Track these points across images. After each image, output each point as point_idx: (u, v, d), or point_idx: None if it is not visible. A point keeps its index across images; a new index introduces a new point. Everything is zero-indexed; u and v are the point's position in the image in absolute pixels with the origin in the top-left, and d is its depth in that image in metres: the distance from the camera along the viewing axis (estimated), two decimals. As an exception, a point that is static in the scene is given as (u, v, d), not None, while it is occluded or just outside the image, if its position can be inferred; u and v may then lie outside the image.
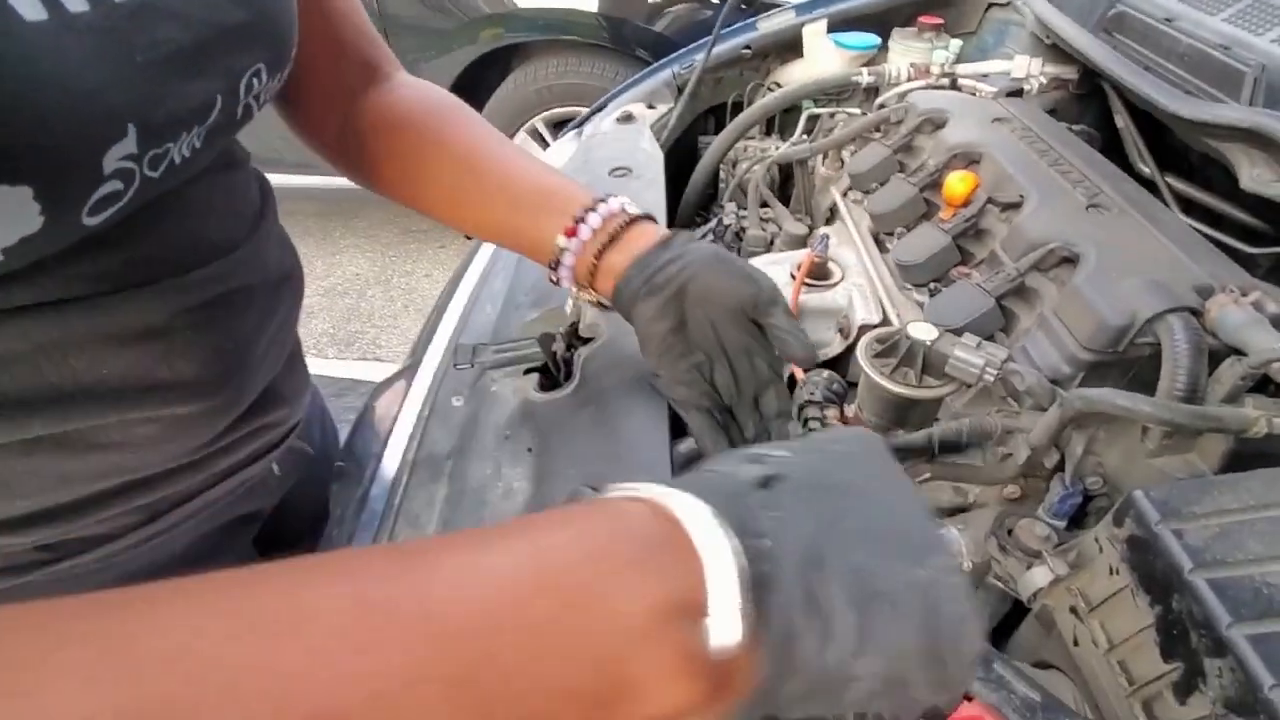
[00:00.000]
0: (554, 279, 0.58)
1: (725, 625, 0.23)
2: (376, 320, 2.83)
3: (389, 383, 0.83)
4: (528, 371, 0.72)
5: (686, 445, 0.65)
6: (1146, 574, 0.44)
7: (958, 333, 0.61)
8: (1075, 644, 0.50)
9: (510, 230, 0.59)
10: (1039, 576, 0.52)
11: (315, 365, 0.78)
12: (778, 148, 1.20)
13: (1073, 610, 0.50)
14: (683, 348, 0.55)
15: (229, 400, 0.53)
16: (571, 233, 0.55)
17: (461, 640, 0.21)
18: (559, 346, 0.72)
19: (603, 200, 0.56)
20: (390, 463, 0.71)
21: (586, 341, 0.71)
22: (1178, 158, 1.04)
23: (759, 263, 0.91)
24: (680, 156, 1.34)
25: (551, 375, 0.71)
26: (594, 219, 0.55)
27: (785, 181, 1.26)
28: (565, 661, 0.22)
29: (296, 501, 0.74)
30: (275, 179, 0.62)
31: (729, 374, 0.55)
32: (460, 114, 0.62)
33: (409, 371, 0.83)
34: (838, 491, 0.28)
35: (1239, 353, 0.55)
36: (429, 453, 0.70)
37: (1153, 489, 0.46)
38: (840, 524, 0.26)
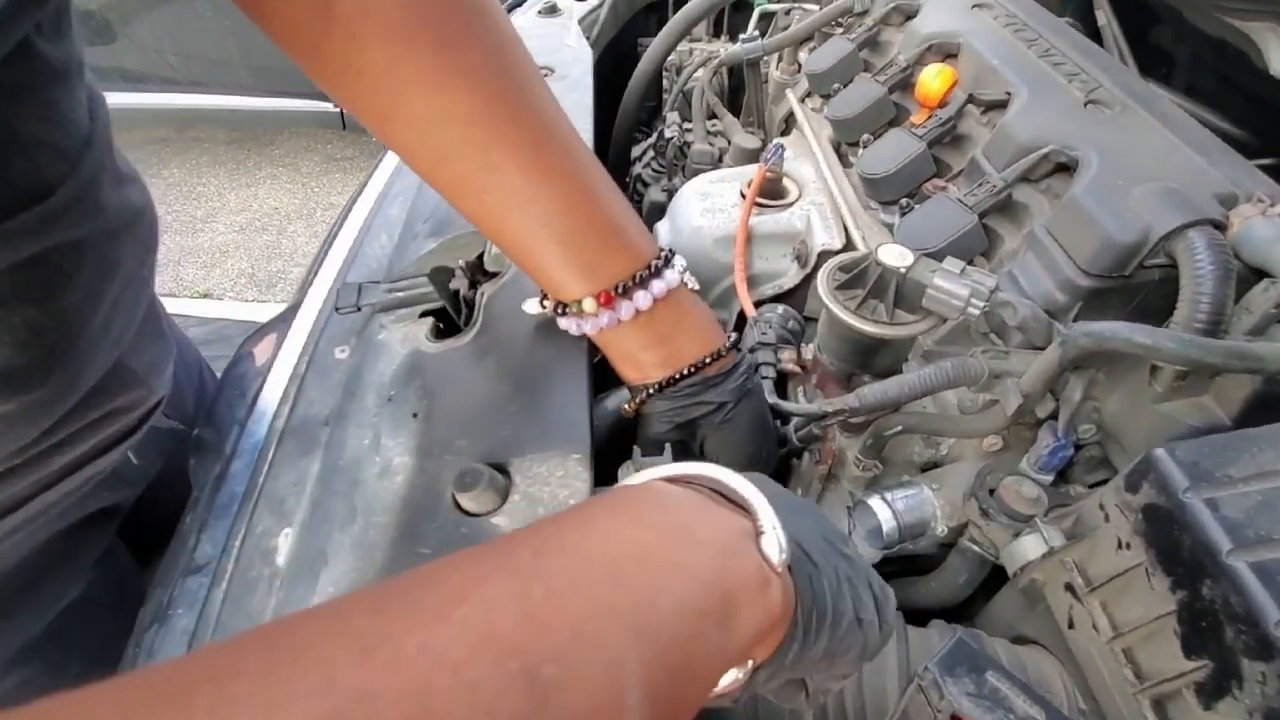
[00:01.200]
0: (547, 310, 0.47)
1: (774, 542, 0.28)
2: (300, 259, 2.61)
3: (262, 331, 0.69)
4: (424, 315, 0.59)
5: (613, 402, 0.54)
6: (1168, 552, 0.36)
7: (936, 257, 0.51)
8: (1070, 626, 0.42)
9: (526, 248, 0.44)
10: (1029, 547, 0.44)
11: (233, 310, 0.65)
12: (727, 49, 1.05)
13: (1068, 588, 0.42)
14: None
15: (57, 391, 0.42)
16: (608, 302, 0.43)
17: (624, 580, 0.24)
18: (460, 283, 0.59)
19: (662, 265, 0.44)
20: (257, 431, 0.58)
21: (493, 276, 0.58)
22: (1159, 62, 0.93)
23: (704, 180, 0.78)
24: (618, 61, 1.18)
25: (451, 318, 0.58)
26: (642, 298, 0.43)
27: (736, 90, 1.12)
28: (688, 583, 0.25)
29: (169, 486, 0.62)
30: (177, 100, 0.45)
31: None
32: (496, 31, 0.42)
33: (285, 317, 0.69)
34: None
35: (1261, 274, 0.46)
36: (304, 418, 0.58)
37: (1178, 447, 0.37)
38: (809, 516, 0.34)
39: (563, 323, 0.46)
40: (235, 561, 0.48)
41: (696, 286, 0.48)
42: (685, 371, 0.46)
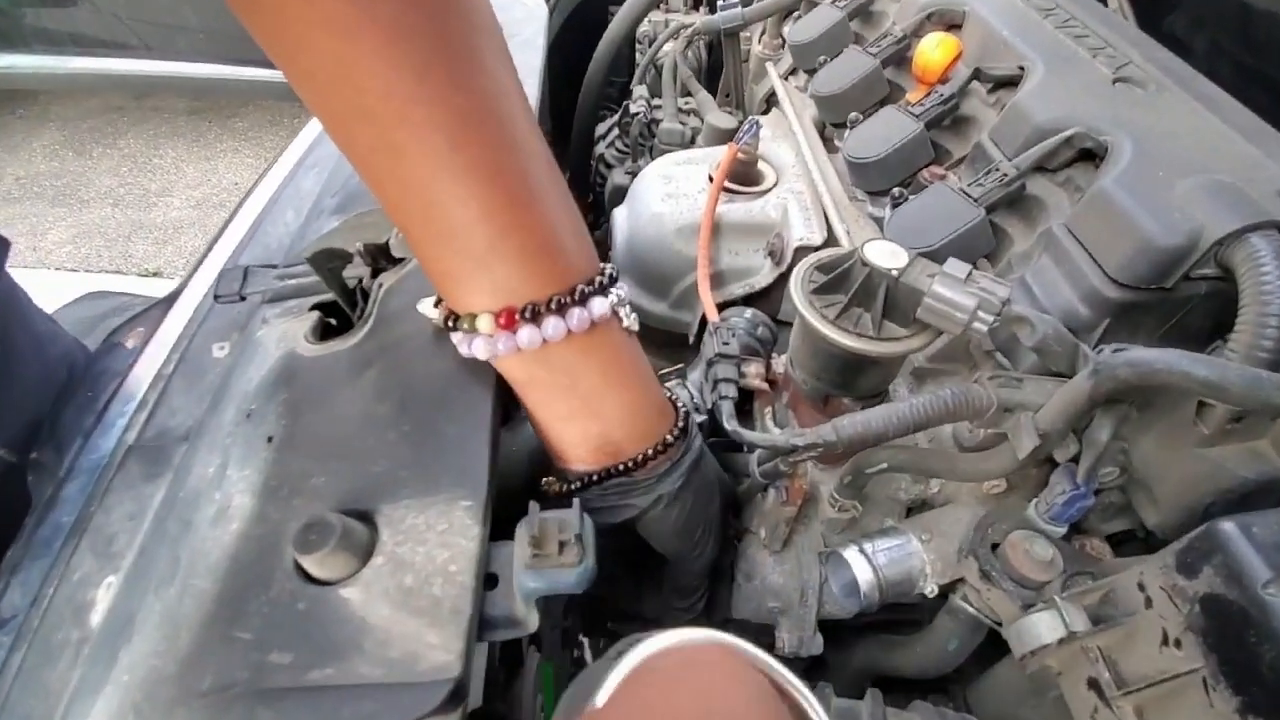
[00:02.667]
0: (437, 318, 0.37)
1: None
2: (259, 238, 2.47)
3: (133, 323, 0.58)
4: (315, 307, 0.49)
5: (526, 436, 0.43)
6: (1239, 663, 0.27)
7: (934, 257, 0.41)
8: (1093, 734, 0.33)
9: (422, 248, 0.34)
10: (1043, 629, 0.35)
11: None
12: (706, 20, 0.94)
13: (1093, 685, 0.33)
14: None
15: None
16: (509, 323, 0.32)
17: None
18: (359, 271, 0.48)
19: (592, 291, 0.33)
20: (102, 445, 0.48)
21: (399, 263, 0.48)
22: (1173, 49, 0.85)
23: (668, 161, 0.68)
24: (586, 30, 1.07)
25: (345, 313, 0.48)
26: (554, 327, 0.32)
27: (714, 68, 1.02)
28: None
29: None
30: (136, 67, 0.34)
31: None
32: None
33: (162, 306, 0.58)
34: None
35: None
36: (160, 430, 0.47)
37: (1254, 522, 0.28)
38: None
39: (454, 337, 0.36)
40: (43, 617, 0.38)
41: (635, 327, 0.38)
42: (618, 468, 0.37)
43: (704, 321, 0.62)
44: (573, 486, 0.38)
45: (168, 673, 0.29)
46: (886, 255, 0.40)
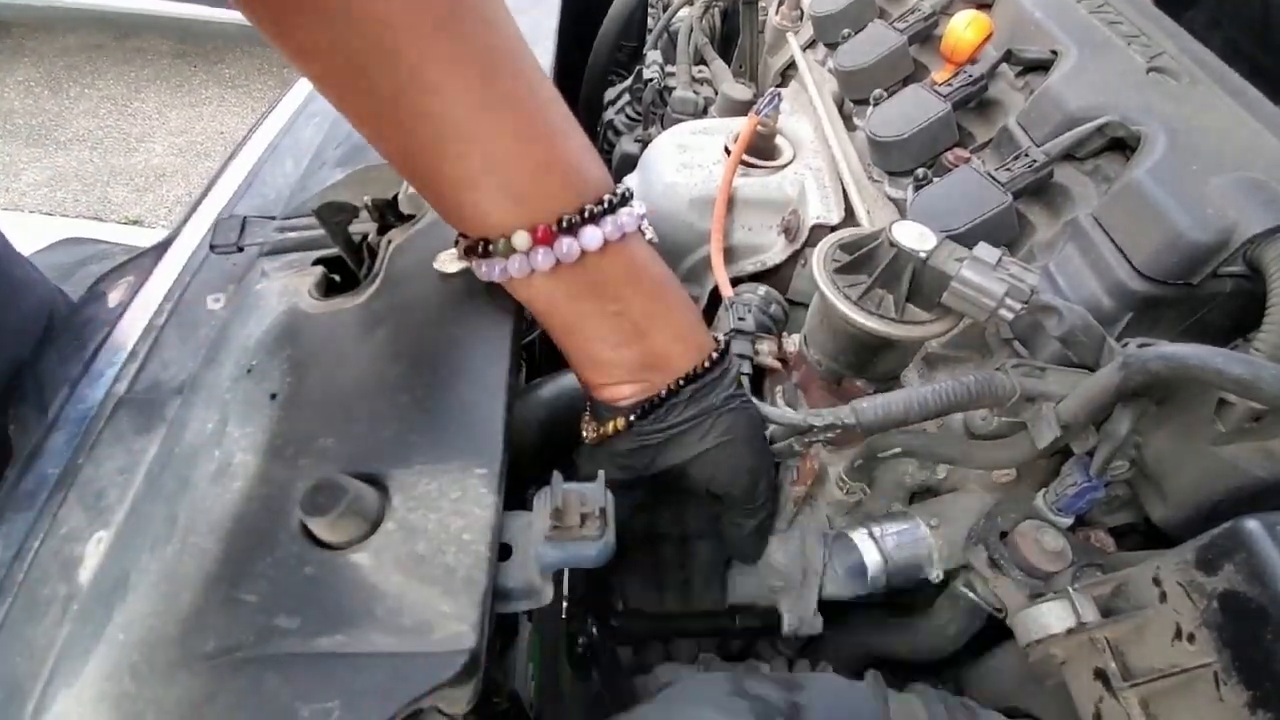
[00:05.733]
0: (465, 260, 0.37)
1: None
2: (244, 190, 2.40)
3: (121, 270, 0.56)
4: (318, 262, 0.47)
5: (551, 390, 0.43)
6: (1253, 659, 0.27)
7: (960, 241, 0.41)
8: (1097, 723, 0.33)
9: (447, 184, 0.34)
10: (1052, 617, 0.35)
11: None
12: (722, -14, 0.92)
13: (1099, 675, 0.33)
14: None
15: None
16: (546, 238, 0.33)
17: None
18: (365, 227, 0.46)
19: (618, 202, 0.34)
20: (90, 396, 0.46)
21: (407, 220, 0.46)
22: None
23: (683, 130, 0.66)
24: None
25: (352, 271, 0.46)
26: (589, 236, 0.33)
27: (728, 37, 0.99)
28: None
29: None
30: (118, 4, 0.33)
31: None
32: None
33: (153, 254, 0.56)
34: None
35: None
36: (152, 382, 0.46)
37: (1278, 519, 0.28)
38: None
39: (484, 270, 0.35)
40: (28, 571, 0.36)
41: (655, 238, 0.38)
42: (670, 389, 0.37)
43: (713, 297, 0.61)
44: (629, 420, 0.37)
45: (167, 633, 0.28)
46: (915, 237, 0.39)
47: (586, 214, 0.33)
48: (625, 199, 0.35)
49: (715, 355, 0.38)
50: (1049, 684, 0.39)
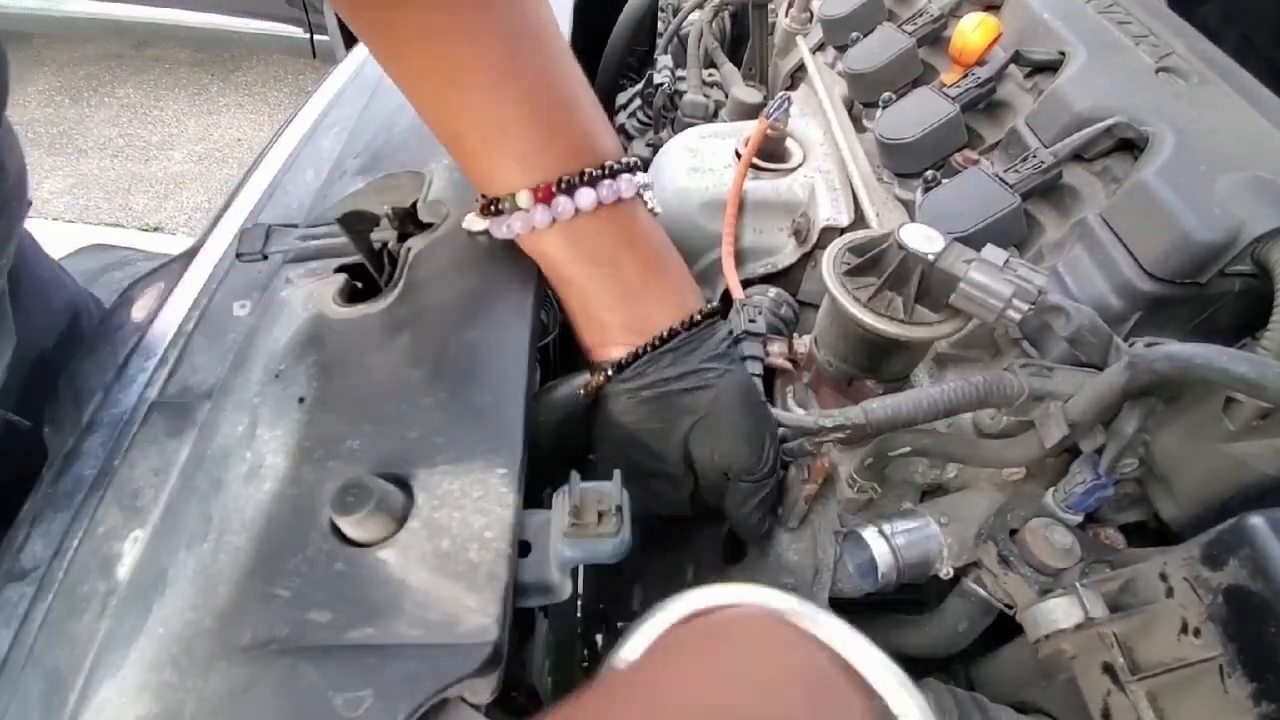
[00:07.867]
0: (480, 216, 0.42)
1: None
2: (260, 195, 2.43)
3: (150, 278, 0.57)
4: (340, 269, 0.48)
5: (565, 390, 0.44)
6: (1257, 652, 0.28)
7: (968, 243, 0.41)
8: (1106, 717, 0.34)
9: (469, 143, 0.39)
10: (1061, 613, 0.35)
11: (186, 248, 0.55)
12: (732, -10, 0.92)
13: (1107, 669, 0.34)
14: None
15: None
16: (545, 196, 0.37)
17: None
18: (385, 234, 0.48)
19: (619, 169, 0.38)
20: (123, 400, 0.48)
21: (427, 228, 0.48)
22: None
23: (694, 134, 0.67)
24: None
25: (372, 276, 0.48)
26: (584, 197, 0.37)
27: (738, 39, 1.00)
28: None
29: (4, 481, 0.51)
30: (137, 13, 0.39)
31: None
32: None
33: (180, 262, 0.57)
34: None
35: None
36: (183, 387, 0.47)
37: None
38: None
39: (495, 227, 0.40)
40: (67, 569, 0.38)
41: (659, 210, 0.42)
42: (655, 341, 0.40)
43: (724, 299, 0.61)
44: (621, 363, 0.40)
45: (205, 626, 0.29)
46: (922, 239, 0.40)
47: (585, 177, 0.36)
48: (630, 168, 0.38)
49: (696, 317, 0.40)
50: (1059, 678, 0.39)
